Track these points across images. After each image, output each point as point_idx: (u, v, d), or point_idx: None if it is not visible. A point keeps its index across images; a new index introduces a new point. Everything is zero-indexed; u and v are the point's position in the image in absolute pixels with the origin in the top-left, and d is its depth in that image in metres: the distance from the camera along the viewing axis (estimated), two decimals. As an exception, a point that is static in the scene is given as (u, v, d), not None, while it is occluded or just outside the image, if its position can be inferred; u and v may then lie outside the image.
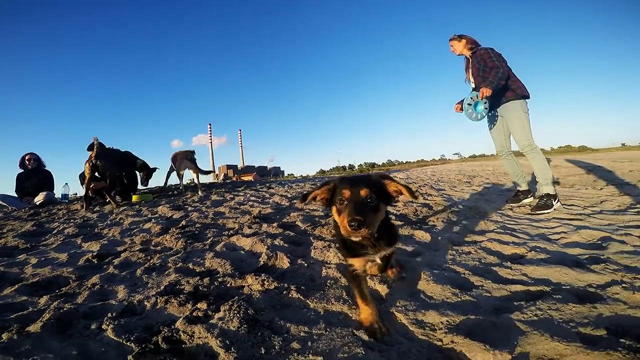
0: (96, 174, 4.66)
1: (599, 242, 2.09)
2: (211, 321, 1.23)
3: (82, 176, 4.83)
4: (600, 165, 7.86)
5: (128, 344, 1.14)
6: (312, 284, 1.61)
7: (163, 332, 1.18)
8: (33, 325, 1.26)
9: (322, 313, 1.33)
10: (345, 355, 1.02)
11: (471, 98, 3.45)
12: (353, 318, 1.28)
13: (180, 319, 1.26)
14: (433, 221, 2.87)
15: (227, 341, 1.08)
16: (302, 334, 1.15)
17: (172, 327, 1.21)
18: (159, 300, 1.45)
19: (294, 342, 1.10)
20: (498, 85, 3.29)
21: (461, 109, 3.60)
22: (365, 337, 1.12)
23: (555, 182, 4.45)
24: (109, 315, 1.33)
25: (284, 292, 1.48)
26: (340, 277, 1.65)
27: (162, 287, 1.59)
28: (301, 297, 1.44)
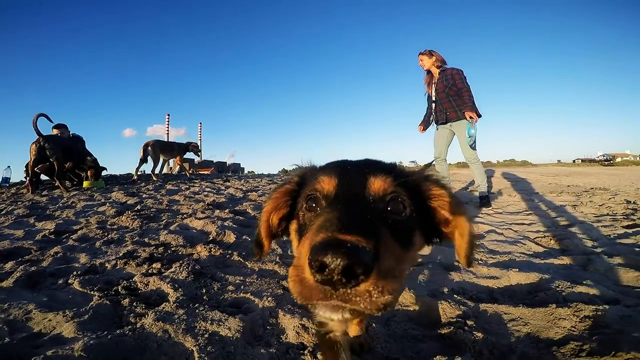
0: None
1: (483, 233, 2.66)
2: (164, 274, 1.54)
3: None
4: (525, 178, 8.96)
5: (92, 292, 1.41)
6: (252, 251, 1.97)
7: (122, 284, 1.46)
8: (5, 282, 1.47)
9: (257, 270, 1.69)
10: (269, 294, 1.38)
11: (473, 134, 3.81)
12: (281, 274, 1.65)
13: (138, 274, 1.55)
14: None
15: (176, 285, 1.40)
16: (237, 281, 1.50)
17: (131, 280, 1.50)
18: (118, 263, 1.72)
19: (229, 286, 1.45)
20: (476, 109, 3.75)
21: (424, 130, 4.21)
22: (286, 284, 1.49)
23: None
24: (74, 273, 1.58)
25: (227, 257, 1.83)
26: (277, 248, 2.02)
27: (120, 254, 1.85)
28: (241, 260, 1.79)
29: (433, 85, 4.08)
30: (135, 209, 3.27)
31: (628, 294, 1.37)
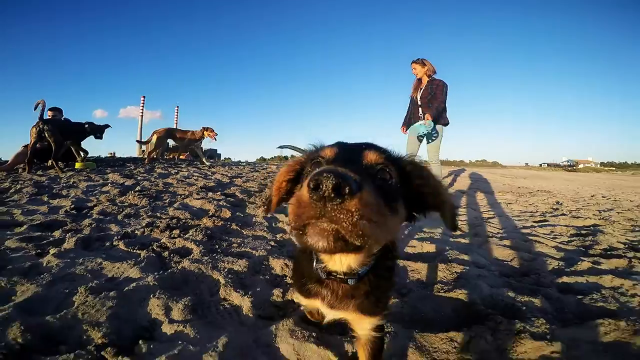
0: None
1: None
2: (185, 237, 2.13)
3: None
4: (487, 178, 9.91)
5: (136, 250, 1.97)
6: (246, 223, 2.59)
7: (154, 244, 2.04)
8: (66, 244, 2.00)
9: (251, 235, 2.31)
10: (262, 248, 2.01)
11: (423, 132, 4.51)
12: (268, 238, 2.28)
13: (164, 238, 2.13)
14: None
15: (196, 243, 2.00)
16: (239, 241, 2.13)
17: (160, 242, 2.08)
18: (145, 230, 2.28)
19: (234, 244, 2.07)
20: (436, 114, 4.45)
21: (406, 130, 4.86)
22: (273, 243, 2.13)
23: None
24: (115, 238, 2.13)
25: (228, 226, 2.44)
26: (263, 221, 2.64)
27: (143, 224, 2.41)
28: (239, 229, 2.41)
29: (420, 91, 4.73)
30: (136, 189, 3.76)
31: (495, 263, 2.10)
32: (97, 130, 5.65)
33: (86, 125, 5.56)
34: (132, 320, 1.20)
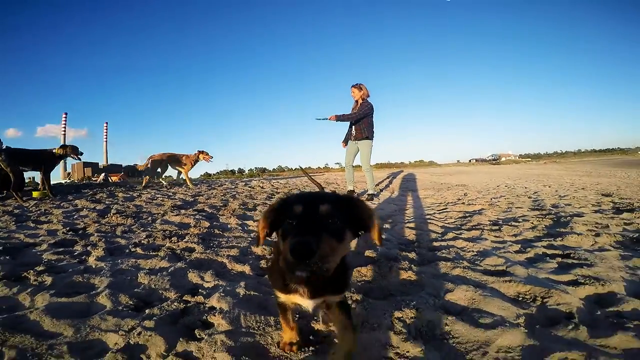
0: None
1: None
2: (183, 241, 2.93)
3: None
4: (418, 177, 11.66)
5: (152, 252, 2.71)
6: (225, 229, 3.44)
7: (164, 247, 2.80)
8: (96, 252, 2.65)
9: (232, 236, 3.18)
10: (244, 242, 2.90)
11: (325, 119, 5.87)
12: (246, 237, 3.16)
13: (167, 243, 2.90)
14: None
15: (195, 244, 2.82)
16: (225, 240, 2.99)
17: (166, 245, 2.84)
18: (149, 240, 3.01)
19: (223, 242, 2.93)
20: (341, 120, 5.77)
21: (345, 145, 6.22)
22: (250, 239, 3.03)
23: (380, 190, 7.35)
24: (130, 246, 2.83)
25: (212, 232, 3.28)
26: (237, 227, 3.51)
27: (143, 236, 3.12)
28: (221, 232, 3.26)
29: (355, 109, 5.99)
30: (113, 212, 4.31)
31: (397, 238, 3.28)
32: (74, 152, 5.96)
33: (62, 149, 5.82)
34: (183, 285, 2.03)
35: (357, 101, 6.01)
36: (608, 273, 1.97)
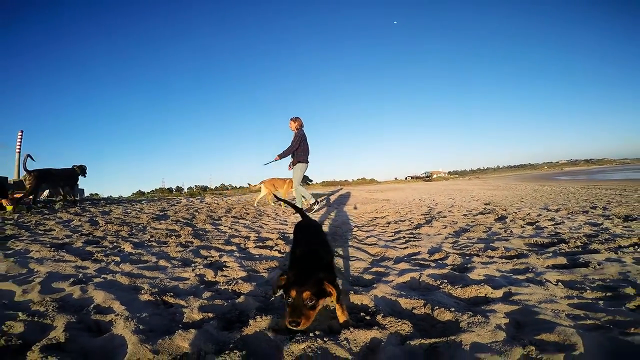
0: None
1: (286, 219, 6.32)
2: (181, 238, 4.35)
3: None
4: (353, 194, 13.48)
5: (163, 245, 4.07)
6: (205, 231, 4.91)
7: (171, 241, 4.19)
8: (125, 247, 3.92)
9: (214, 235, 4.67)
10: (223, 238, 4.42)
11: (272, 161, 7.50)
12: (224, 236, 4.67)
13: (170, 239, 4.29)
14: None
15: (192, 238, 4.28)
16: (211, 236, 4.49)
17: (173, 240, 4.23)
18: (154, 238, 4.35)
19: (210, 237, 4.43)
20: (283, 156, 7.44)
21: (290, 169, 7.64)
22: (233, 233, 4.56)
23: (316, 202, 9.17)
24: (144, 243, 4.15)
25: (197, 232, 4.73)
26: (214, 229, 4.99)
27: (148, 236, 4.43)
28: (204, 233, 4.74)
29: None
30: (105, 220, 5.40)
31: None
32: (83, 172, 6.80)
33: (76, 168, 6.85)
34: (201, 256, 3.50)
35: (293, 132, 7.68)
36: (430, 244, 4.00)
